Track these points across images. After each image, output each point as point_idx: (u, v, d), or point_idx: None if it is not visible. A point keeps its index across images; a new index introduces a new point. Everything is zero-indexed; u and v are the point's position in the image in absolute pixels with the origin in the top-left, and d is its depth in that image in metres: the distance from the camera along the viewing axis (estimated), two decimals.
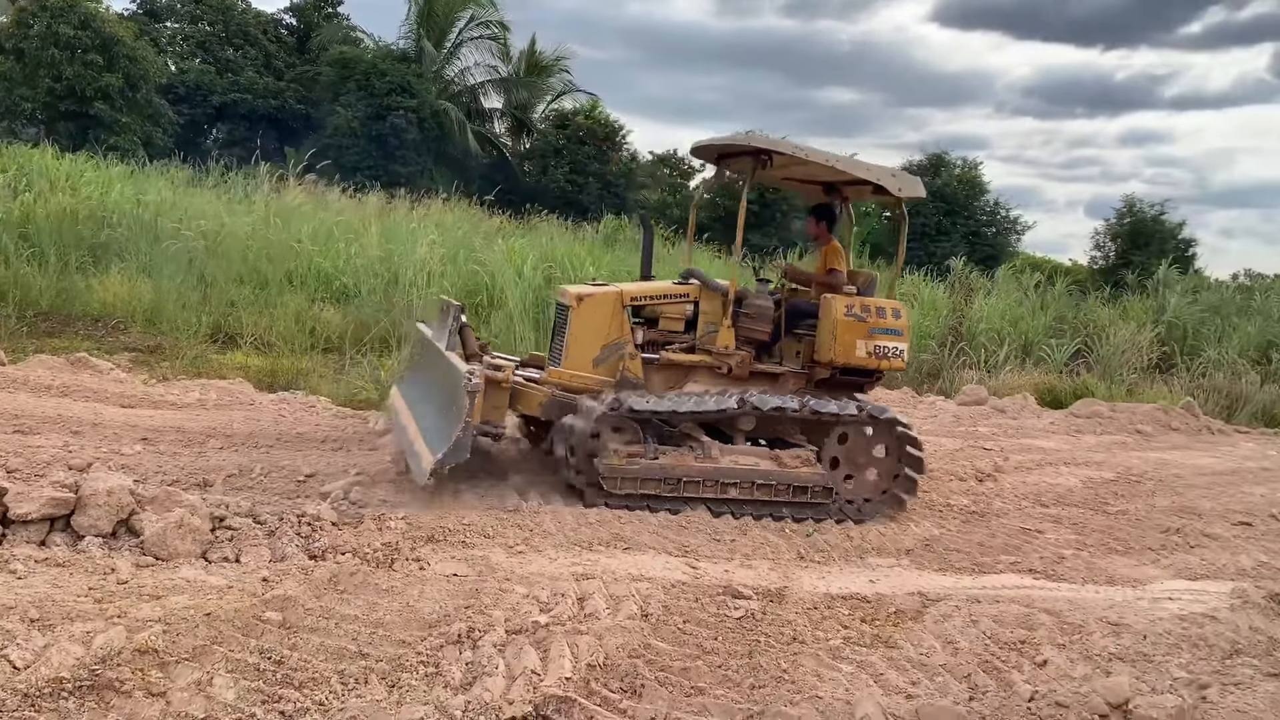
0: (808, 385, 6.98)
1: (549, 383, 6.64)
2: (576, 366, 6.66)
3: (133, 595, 4.04)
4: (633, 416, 6.35)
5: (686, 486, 6.27)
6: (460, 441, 5.62)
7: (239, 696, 3.41)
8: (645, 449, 6.31)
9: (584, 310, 6.69)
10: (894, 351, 6.86)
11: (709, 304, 6.93)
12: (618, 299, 6.76)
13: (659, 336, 6.92)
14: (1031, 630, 4.65)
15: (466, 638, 3.99)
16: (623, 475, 6.17)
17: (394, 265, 13.20)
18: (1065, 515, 7.27)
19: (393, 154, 27.77)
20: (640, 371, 6.73)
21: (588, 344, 6.67)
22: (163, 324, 10.70)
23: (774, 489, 6.38)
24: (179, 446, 6.22)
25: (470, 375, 5.71)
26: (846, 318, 6.73)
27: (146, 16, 32.45)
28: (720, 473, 6.32)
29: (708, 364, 6.84)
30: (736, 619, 4.58)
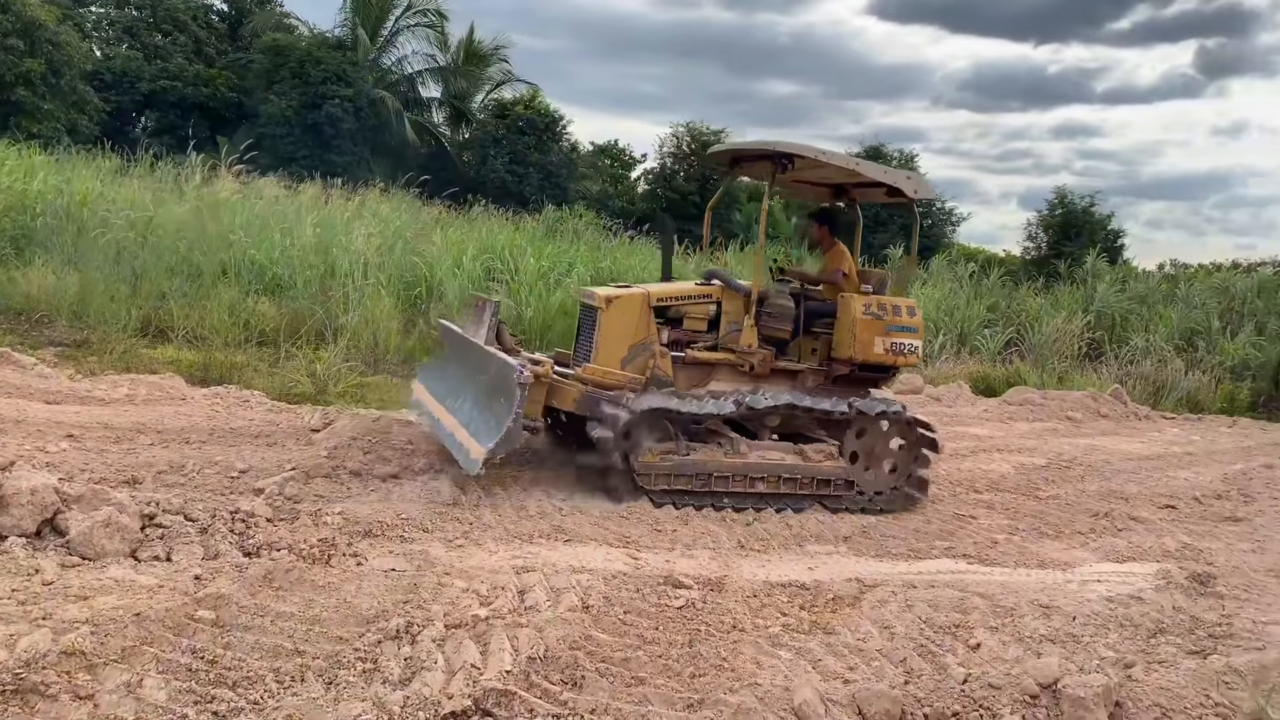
0: (826, 381, 7.23)
1: (582, 378, 6.76)
2: (606, 364, 6.83)
3: (59, 596, 3.94)
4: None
5: (716, 481, 6.45)
6: (511, 431, 5.79)
7: (170, 697, 3.34)
8: (677, 446, 6.48)
9: (613, 312, 6.85)
10: (909, 348, 7.14)
11: (730, 304, 7.12)
12: (644, 300, 6.94)
13: (683, 336, 7.10)
14: (965, 614, 4.75)
15: (405, 633, 3.95)
16: (656, 471, 6.33)
17: (330, 257, 12.98)
18: (998, 501, 7.43)
19: (328, 143, 27.29)
20: (670, 369, 6.92)
21: (617, 344, 6.85)
22: (90, 317, 10.39)
23: (799, 482, 6.61)
24: (107, 443, 6.05)
25: (522, 368, 5.87)
26: (865, 316, 7.00)
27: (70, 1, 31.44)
28: (749, 468, 6.50)
29: (730, 362, 7.03)
30: (677, 608, 4.60)
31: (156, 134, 28.34)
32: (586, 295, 7.18)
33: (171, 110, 29.29)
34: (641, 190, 36.20)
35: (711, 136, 32.68)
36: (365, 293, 11.53)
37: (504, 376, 5.91)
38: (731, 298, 7.11)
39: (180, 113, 29.37)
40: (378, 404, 8.76)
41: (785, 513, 6.48)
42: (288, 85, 27.21)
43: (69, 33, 25.22)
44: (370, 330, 10.73)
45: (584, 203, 26.93)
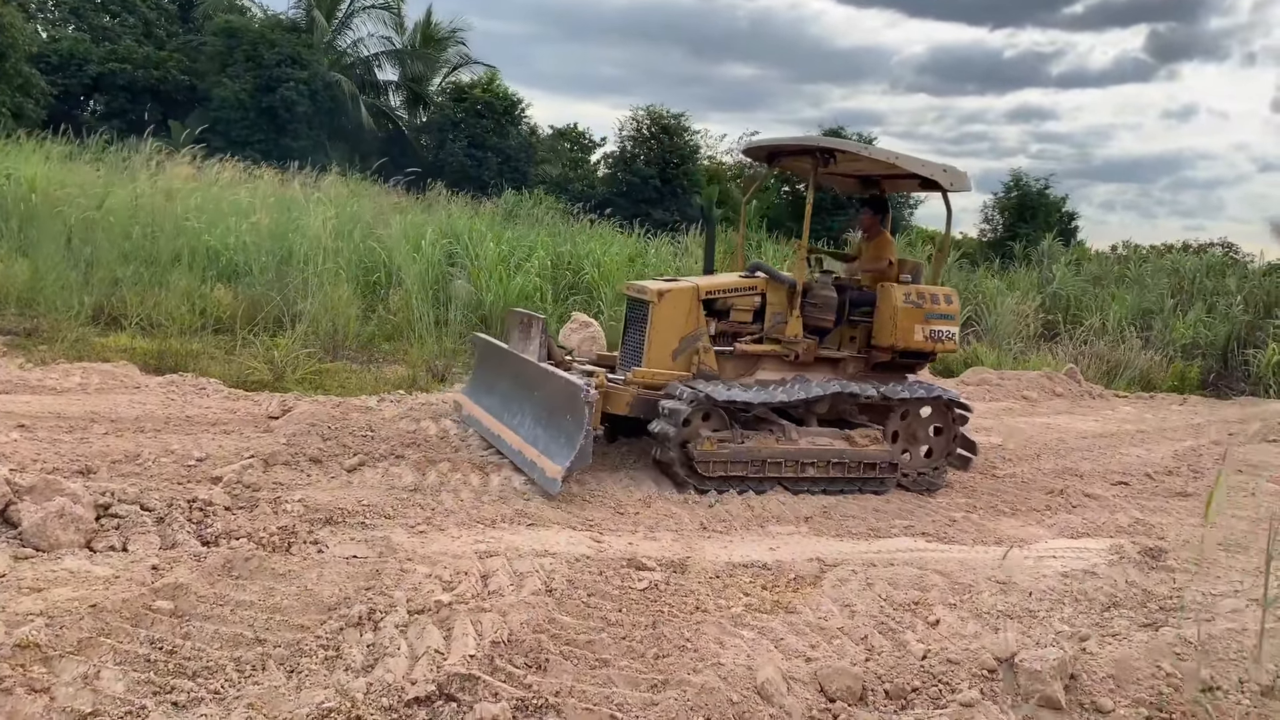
0: (866, 368, 7.47)
1: (633, 382, 6.90)
2: (657, 359, 6.99)
3: (11, 589, 3.87)
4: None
5: (769, 467, 6.61)
6: (584, 448, 5.99)
7: (128, 689, 3.30)
8: (732, 434, 6.60)
9: (664, 306, 6.99)
10: (947, 335, 7.38)
11: (775, 295, 7.28)
12: (694, 293, 7.08)
13: (729, 328, 7.24)
14: (925, 591, 4.82)
15: (367, 620, 3.94)
16: (714, 459, 6.44)
17: (286, 242, 12.81)
18: (956, 479, 7.52)
19: (283, 127, 26.90)
20: (715, 363, 7.06)
21: (668, 337, 7.00)
22: (40, 305, 10.17)
23: (847, 466, 6.80)
24: (59, 433, 5.94)
25: (588, 388, 6.05)
26: (906, 305, 7.21)
27: None
28: (800, 453, 6.67)
29: (776, 352, 7.19)
30: (640, 590, 4.62)
31: (106, 118, 27.74)
32: (637, 290, 7.31)
33: (121, 93, 28.67)
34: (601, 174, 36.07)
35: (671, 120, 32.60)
36: (323, 279, 11.40)
37: (570, 395, 6.12)
38: (776, 289, 7.27)
39: (130, 96, 28.77)
40: (337, 391, 8.68)
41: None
42: (241, 68, 26.78)
43: (13, 14, 24.59)
44: (329, 317, 10.61)
45: (544, 187, 26.81)
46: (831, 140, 7.27)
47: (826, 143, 7.26)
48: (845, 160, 7.35)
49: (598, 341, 10.42)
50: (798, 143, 7.49)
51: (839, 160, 7.30)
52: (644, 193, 29.53)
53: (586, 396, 5.99)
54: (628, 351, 7.29)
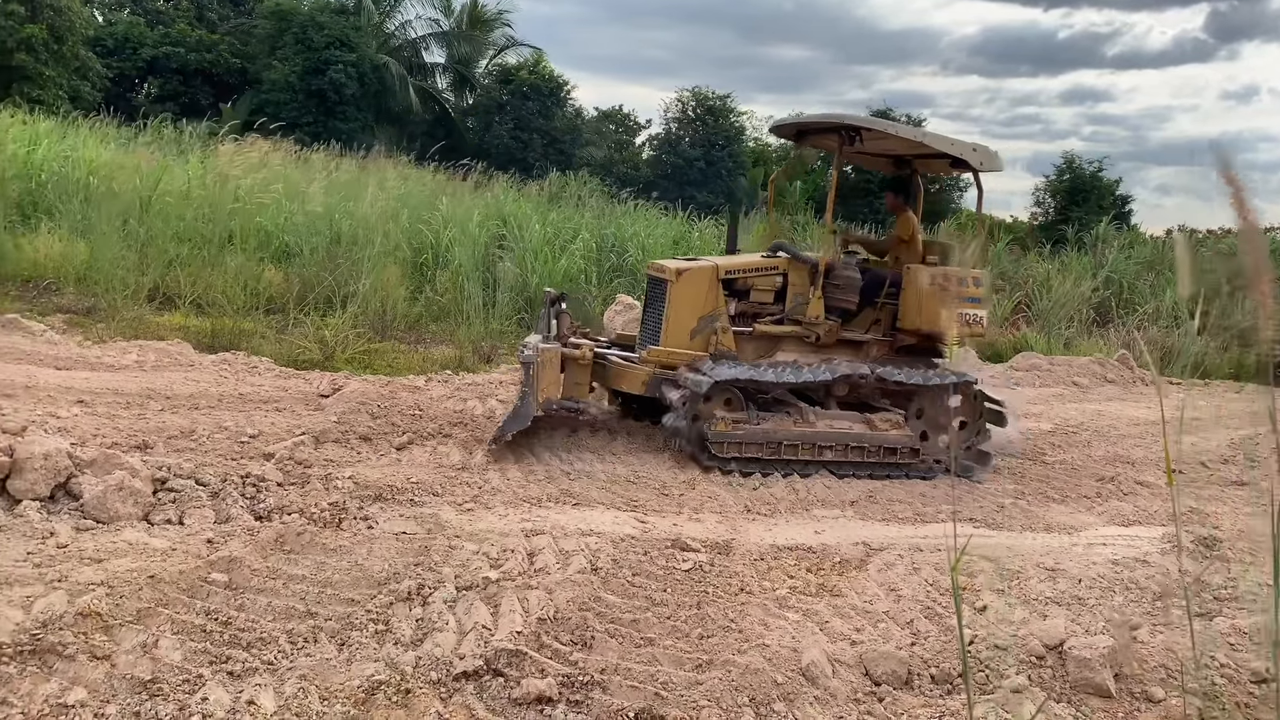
0: (890, 352, 7.31)
1: (649, 361, 6.86)
2: (675, 339, 6.91)
3: (73, 559, 3.98)
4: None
5: (786, 449, 6.54)
6: (519, 410, 6.10)
7: (186, 658, 3.38)
8: (748, 415, 6.57)
9: (683, 284, 6.92)
10: (975, 318, 7.17)
11: (797, 276, 7.14)
12: (713, 272, 7.00)
13: (749, 308, 7.16)
14: (971, 577, 4.78)
15: (416, 595, 4.00)
16: (728, 440, 6.42)
17: (336, 224, 12.96)
18: (1004, 465, 7.44)
19: (332, 109, 27.18)
20: (732, 343, 6.98)
21: (686, 316, 6.92)
22: (98, 285, 10.39)
23: (865, 450, 6.70)
24: (118, 409, 6.08)
25: (523, 348, 6.06)
26: (932, 287, 6.98)
27: None
28: (817, 436, 6.62)
29: (797, 334, 7.08)
30: (685, 571, 4.64)
31: (159, 100, 28.21)
32: (656, 269, 7.26)
33: (174, 77, 29.12)
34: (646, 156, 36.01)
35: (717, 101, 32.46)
36: (373, 260, 11.51)
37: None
38: (798, 269, 7.14)
39: (183, 79, 29.21)
40: (386, 370, 8.79)
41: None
42: (291, 51, 27.05)
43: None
44: (378, 297, 10.73)
45: (588, 169, 26.80)
46: (858, 118, 7.09)
47: (853, 120, 7.07)
48: (872, 139, 7.18)
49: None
50: (824, 120, 7.31)
51: (865, 139, 7.13)
52: (689, 175, 29.47)
53: (521, 355, 5.97)
54: (647, 331, 7.21)
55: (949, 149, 7.17)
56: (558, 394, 6.54)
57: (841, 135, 7.14)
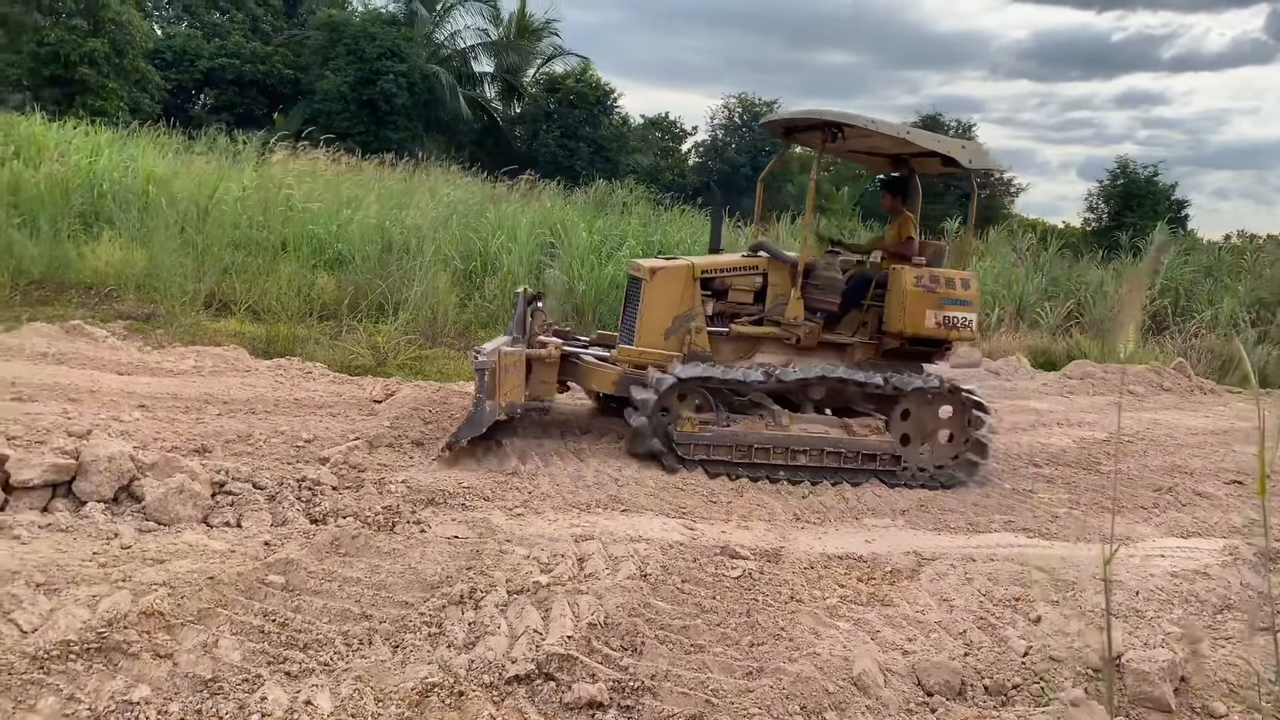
0: (876, 355, 7.11)
1: (620, 361, 6.83)
2: (649, 338, 6.86)
3: (136, 560, 4.08)
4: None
5: (757, 453, 6.44)
6: (473, 417, 6.04)
7: (245, 658, 3.45)
8: (717, 417, 6.49)
9: (657, 283, 6.88)
10: (963, 322, 6.92)
11: (777, 276, 7.04)
12: (689, 271, 6.93)
13: (728, 308, 7.07)
14: (1025, 587, 4.71)
15: (469, 598, 4.04)
16: (695, 441, 6.35)
17: (387, 232, 13.15)
18: (1059, 475, 7.33)
19: (383, 119, 27.54)
20: (707, 344, 6.91)
21: (660, 316, 6.87)
22: (156, 291, 10.64)
23: (842, 456, 6.55)
24: (177, 413, 6.22)
25: (477, 353, 6.00)
26: (916, 288, 6.79)
27: None
28: (790, 440, 6.49)
29: (776, 335, 6.96)
30: (734, 579, 4.63)
31: (215, 111, 28.82)
32: (633, 267, 7.21)
33: (230, 87, 29.74)
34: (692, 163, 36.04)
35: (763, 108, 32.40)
36: (423, 267, 11.66)
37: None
38: (778, 269, 7.02)
39: (238, 90, 29.81)
40: (437, 376, 8.89)
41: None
42: (343, 61, 27.47)
43: (131, 12, 25.67)
44: (429, 304, 10.86)
45: (634, 176, 26.90)
46: (838, 113, 6.83)
47: (833, 116, 6.83)
48: (856, 136, 6.94)
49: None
50: (807, 116, 7.09)
51: (849, 136, 6.91)
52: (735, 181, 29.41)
53: (475, 361, 5.94)
54: (625, 330, 7.12)
55: (935, 146, 6.95)
56: (521, 397, 6.42)
57: (824, 132, 6.97)
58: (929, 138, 7.00)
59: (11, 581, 3.66)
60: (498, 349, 6.30)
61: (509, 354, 6.33)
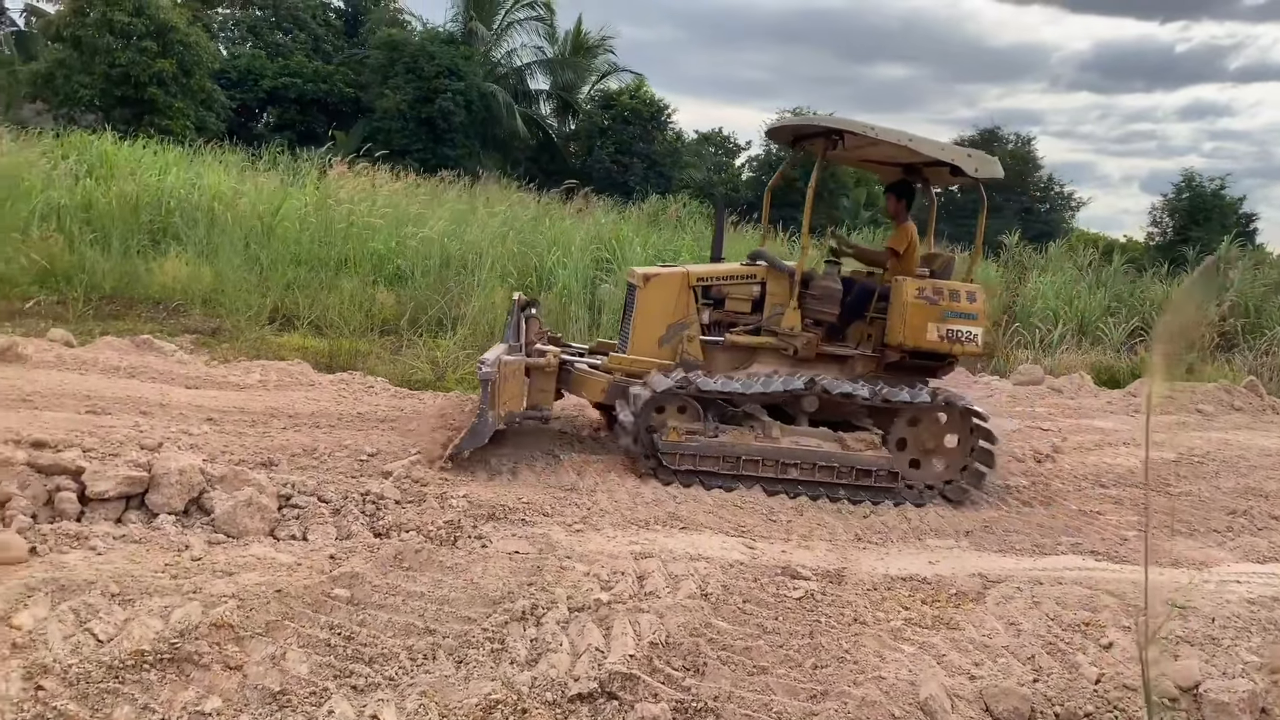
0: (877, 369, 6.96)
1: (610, 369, 6.77)
2: (642, 346, 6.81)
3: (206, 571, 4.15)
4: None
5: (746, 465, 6.32)
6: (476, 428, 6.01)
7: (312, 671, 3.49)
8: (705, 427, 6.39)
9: (650, 290, 6.84)
10: (967, 335, 6.73)
11: (776, 285, 6.95)
12: (684, 279, 6.88)
13: (725, 317, 6.98)
14: (1095, 612, 4.60)
15: (530, 615, 4.04)
16: (681, 451, 6.26)
17: (445, 248, 13.31)
18: (1126, 496, 7.16)
19: (441, 136, 27.93)
20: (699, 352, 6.83)
21: (654, 323, 6.83)
22: (222, 306, 10.88)
23: (836, 471, 6.38)
24: (244, 426, 6.33)
25: (481, 364, 5.98)
26: (918, 300, 6.65)
27: (199, 3, 32.88)
28: (781, 453, 6.35)
29: (773, 346, 6.86)
30: (796, 599, 4.58)
31: (277, 129, 29.45)
32: (630, 274, 7.15)
33: (292, 106, 30.38)
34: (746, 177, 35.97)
35: None
36: (481, 282, 11.78)
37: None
38: (777, 279, 6.92)
39: (300, 108, 30.44)
40: None
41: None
42: (402, 80, 27.93)
43: (198, 33, 26.35)
44: (487, 319, 10.96)
45: (688, 191, 26.93)
46: (840, 120, 6.73)
47: (836, 123, 6.73)
48: (862, 144, 6.81)
49: None
50: (809, 124, 7.00)
51: (850, 144, 6.78)
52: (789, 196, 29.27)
53: (479, 373, 5.91)
54: (622, 338, 7.06)
55: (939, 154, 6.76)
56: (521, 406, 6.41)
57: (825, 139, 6.84)
58: (933, 145, 6.81)
59: (88, 591, 3.75)
60: (499, 359, 6.30)
61: (509, 363, 6.33)
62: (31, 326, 9.20)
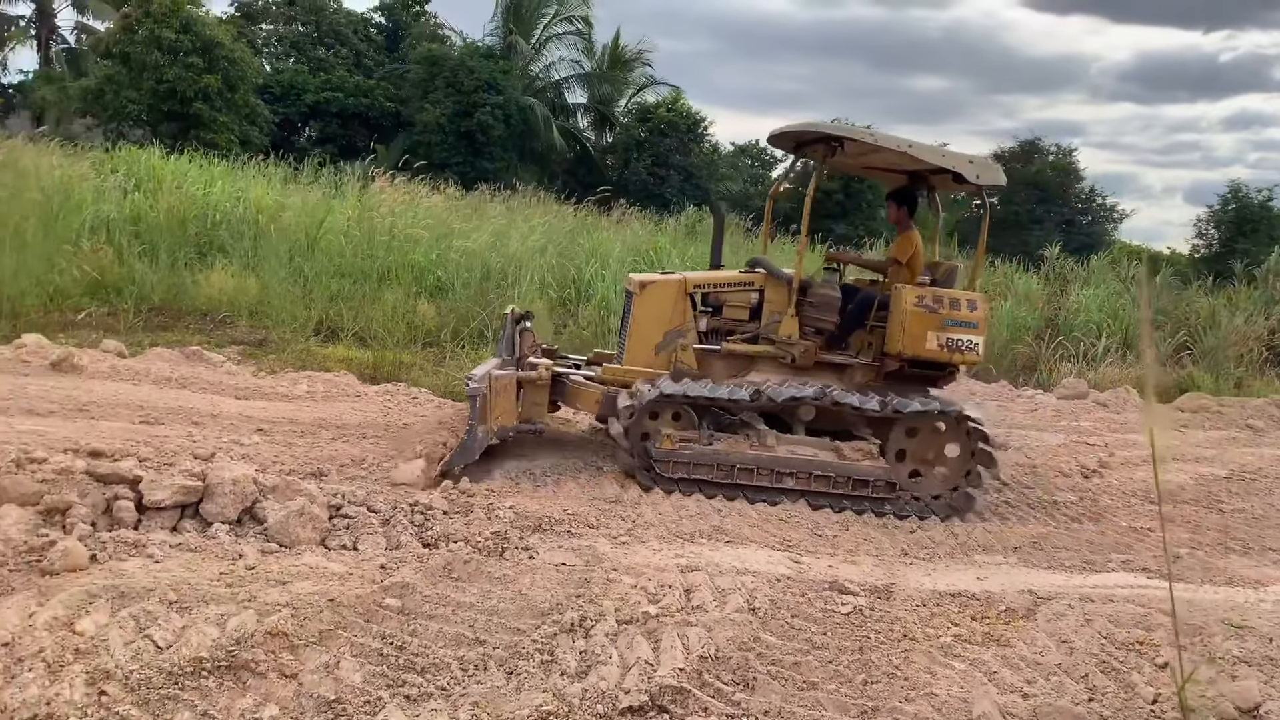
0: (877, 378, 6.88)
1: (604, 380, 6.74)
2: (639, 352, 6.77)
3: (260, 580, 4.20)
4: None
5: (740, 474, 6.27)
6: (466, 444, 6.04)
7: (365, 680, 3.52)
8: (699, 435, 6.36)
9: (647, 297, 6.80)
10: (967, 344, 6.63)
11: (774, 293, 6.88)
12: (680, 286, 6.84)
13: (723, 325, 6.93)
14: (1149, 631, 4.53)
15: (579, 626, 4.06)
16: (675, 459, 6.23)
17: (485, 260, 13.41)
18: (1177, 513, 7.05)
19: (480, 150, 28.17)
20: (694, 361, 6.78)
21: (651, 330, 6.79)
22: (268, 318, 11.04)
23: (832, 481, 6.33)
24: (293, 437, 6.42)
25: (469, 380, 6.00)
26: (917, 308, 6.56)
27: (244, 19, 33.46)
28: (776, 462, 6.31)
29: (771, 354, 6.80)
30: (844, 615, 4.56)
31: (319, 143, 29.82)
32: (628, 283, 7.11)
33: (333, 120, 30.78)
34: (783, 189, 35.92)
35: None
36: (521, 294, 11.85)
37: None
38: (775, 286, 6.85)
39: (342, 122, 30.83)
40: None
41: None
42: (442, 94, 28.20)
43: (243, 49, 26.78)
44: None
45: (725, 203, 26.92)
46: (838, 127, 6.69)
47: (835, 130, 6.71)
48: (864, 151, 6.74)
49: None
50: (810, 130, 6.90)
51: (851, 151, 6.72)
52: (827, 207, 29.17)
53: (468, 388, 5.89)
54: (620, 349, 7.01)
55: (939, 161, 6.68)
56: (513, 420, 6.39)
57: (825, 145, 6.79)
58: (933, 152, 6.74)
59: (147, 598, 3.81)
60: (489, 373, 6.29)
61: (499, 377, 6.32)
62: (84, 337, 9.38)
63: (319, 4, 33.73)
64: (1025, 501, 6.97)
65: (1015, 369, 13.72)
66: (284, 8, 34.10)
